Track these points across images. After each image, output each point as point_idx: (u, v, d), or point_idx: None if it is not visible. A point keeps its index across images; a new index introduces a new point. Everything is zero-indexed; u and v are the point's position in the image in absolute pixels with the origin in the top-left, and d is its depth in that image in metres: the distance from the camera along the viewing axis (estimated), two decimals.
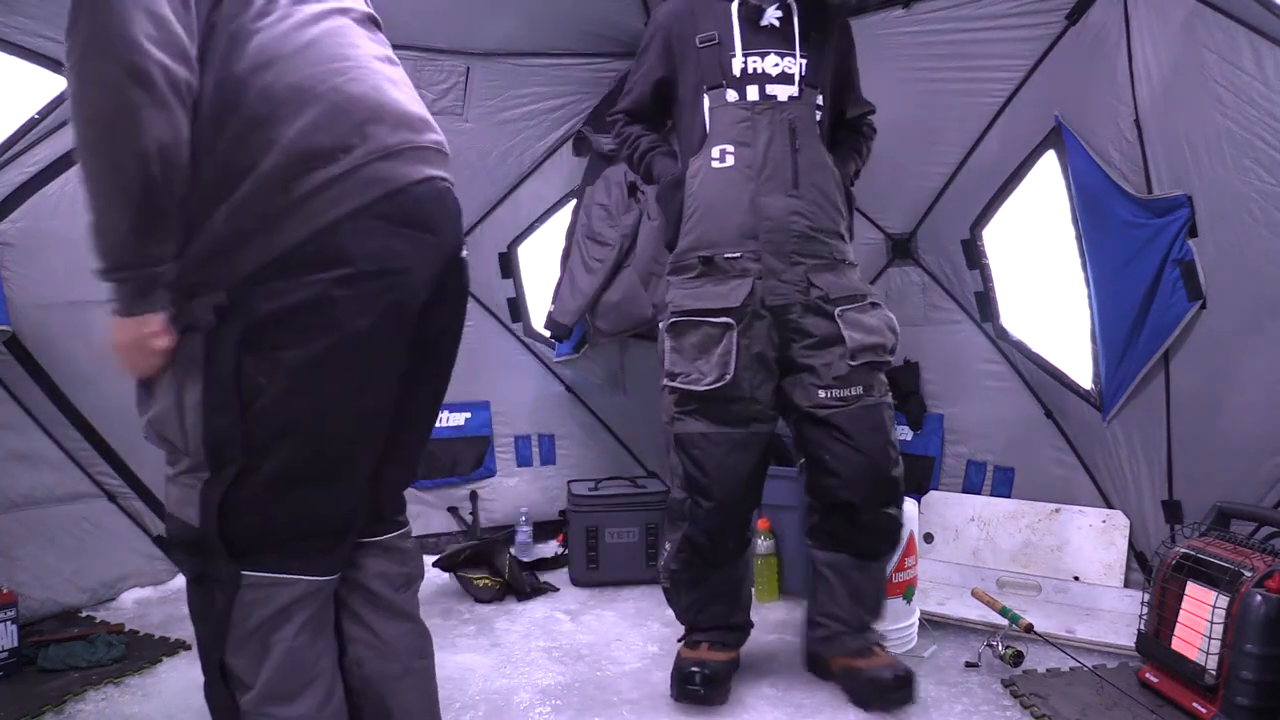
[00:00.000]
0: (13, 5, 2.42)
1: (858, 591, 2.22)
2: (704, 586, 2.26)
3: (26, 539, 2.65)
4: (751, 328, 2.12)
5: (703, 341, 2.13)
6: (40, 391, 2.71)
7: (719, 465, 2.15)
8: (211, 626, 1.34)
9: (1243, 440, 2.43)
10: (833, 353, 2.12)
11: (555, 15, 3.32)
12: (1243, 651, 1.90)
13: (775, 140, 2.12)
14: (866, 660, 2.17)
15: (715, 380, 2.10)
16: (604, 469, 3.70)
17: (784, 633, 2.68)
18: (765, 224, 2.12)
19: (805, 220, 2.13)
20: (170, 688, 2.28)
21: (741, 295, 2.11)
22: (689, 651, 2.26)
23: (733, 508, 2.19)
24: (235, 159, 1.23)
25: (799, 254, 2.13)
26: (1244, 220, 2.28)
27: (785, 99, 2.13)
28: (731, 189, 2.14)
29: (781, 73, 2.14)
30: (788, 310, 2.13)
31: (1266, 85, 2.15)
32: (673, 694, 2.20)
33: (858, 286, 2.21)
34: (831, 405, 2.12)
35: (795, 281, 2.13)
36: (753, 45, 2.14)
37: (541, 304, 3.64)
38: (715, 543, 2.20)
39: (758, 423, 2.16)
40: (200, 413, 1.27)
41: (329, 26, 1.35)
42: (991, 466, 3.24)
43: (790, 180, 2.12)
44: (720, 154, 2.14)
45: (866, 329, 2.14)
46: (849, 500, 2.14)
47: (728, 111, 2.14)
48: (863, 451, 2.11)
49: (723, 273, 2.14)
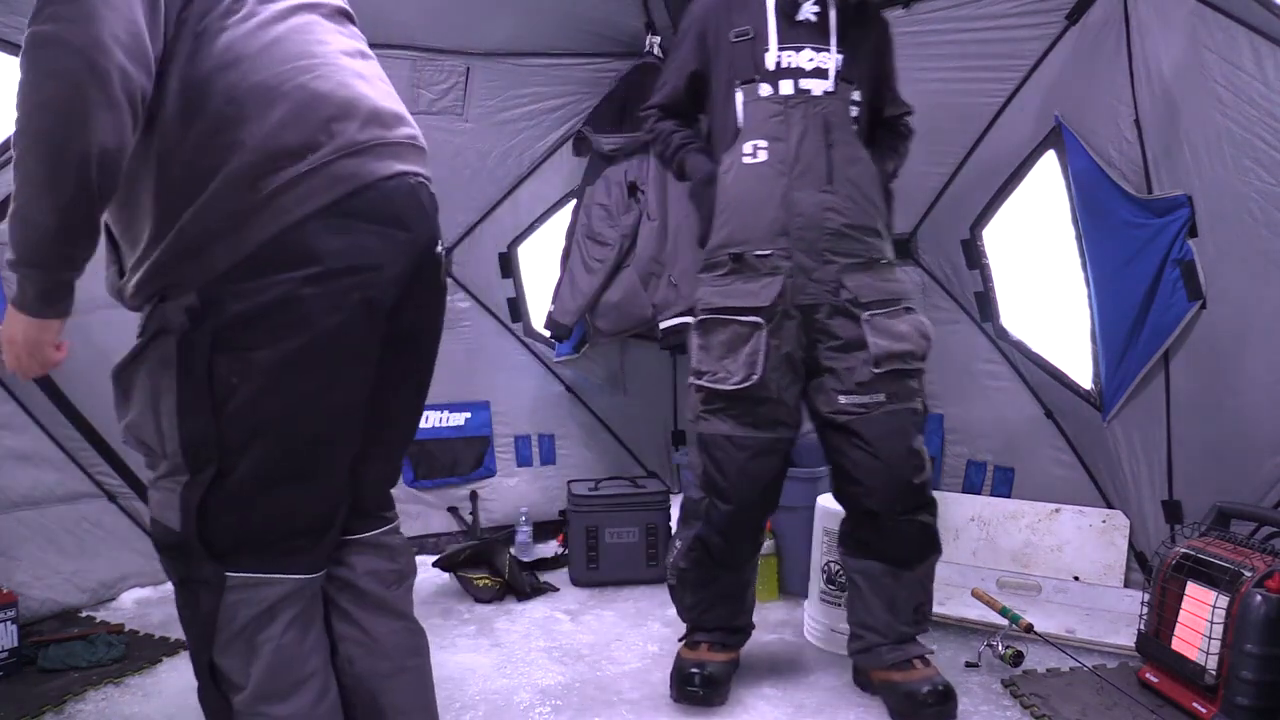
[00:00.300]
0: (12, 5, 2.42)
1: (892, 600, 2.16)
2: (712, 587, 2.25)
3: (26, 539, 2.65)
4: (781, 328, 2.08)
5: (731, 340, 2.09)
6: (40, 391, 2.71)
7: (740, 470, 2.12)
8: (199, 629, 1.34)
9: (1243, 440, 2.43)
10: (856, 358, 2.07)
11: (555, 15, 3.32)
12: (1243, 651, 1.90)
13: (809, 135, 2.07)
14: (904, 674, 2.12)
15: (742, 380, 2.06)
16: (604, 469, 3.71)
17: (784, 633, 2.68)
18: (797, 220, 2.07)
19: (840, 216, 2.08)
20: (170, 688, 2.28)
21: (772, 294, 2.07)
22: (689, 652, 2.25)
23: (749, 513, 2.17)
24: (202, 160, 1.22)
25: (832, 252, 2.08)
26: (1244, 220, 2.28)
27: (820, 94, 2.08)
28: (763, 184, 2.09)
29: (816, 68, 2.09)
30: (816, 310, 2.08)
31: (1266, 85, 2.15)
32: (672, 695, 2.20)
33: (892, 290, 2.13)
34: (852, 411, 2.07)
35: (826, 281, 2.07)
36: (788, 40, 2.09)
37: (541, 304, 3.64)
38: (729, 544, 2.18)
39: (784, 427, 2.13)
40: (175, 415, 1.27)
41: (296, 23, 1.34)
42: (991, 466, 3.24)
43: (824, 175, 2.07)
44: (753, 149, 2.09)
45: (894, 335, 2.08)
46: (871, 508, 2.11)
47: (761, 106, 2.10)
48: (881, 458, 2.07)
49: (753, 270, 2.10)
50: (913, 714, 2.08)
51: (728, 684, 2.22)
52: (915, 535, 2.13)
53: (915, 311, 2.16)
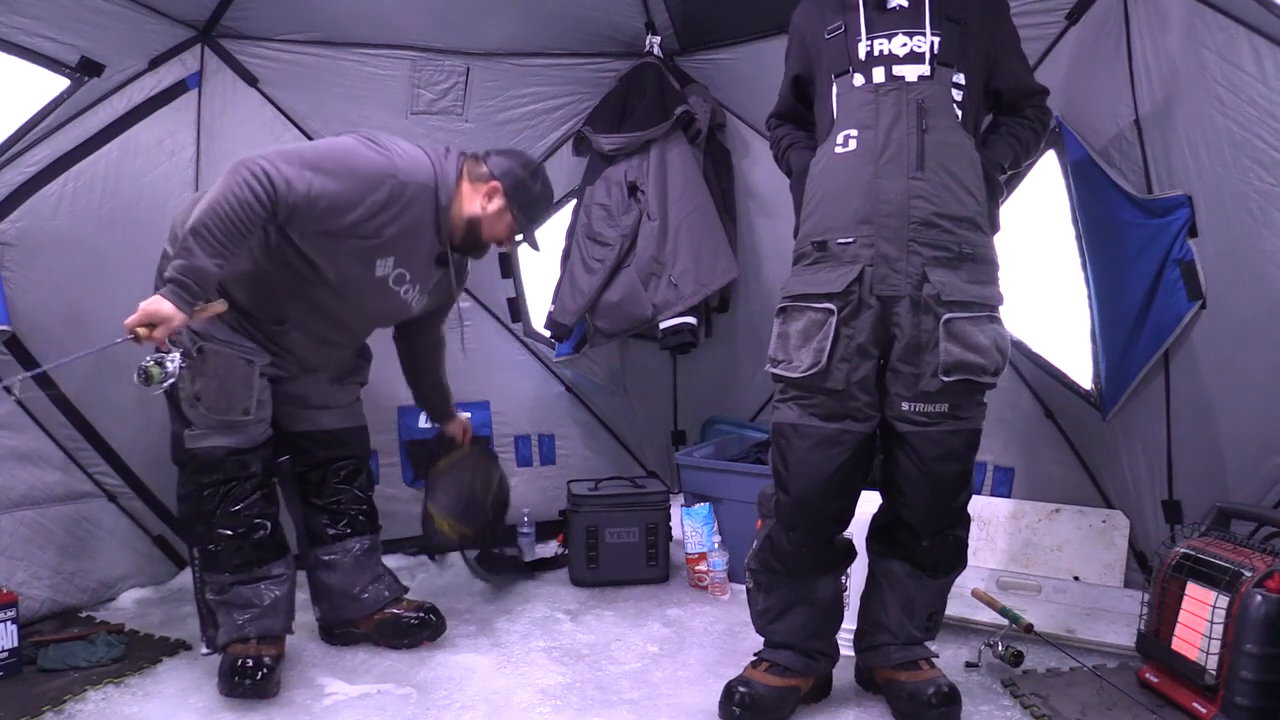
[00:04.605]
0: (12, 5, 2.42)
1: (910, 603, 2.14)
2: (779, 593, 2.15)
3: (26, 539, 2.65)
4: (857, 316, 2.00)
5: (807, 328, 2.02)
6: (40, 392, 2.71)
7: (801, 459, 2.04)
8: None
9: (1243, 440, 2.44)
10: (926, 363, 1.98)
11: (555, 15, 3.31)
12: (1243, 651, 1.90)
13: (900, 121, 1.98)
14: (910, 674, 2.11)
15: (809, 367, 2.00)
16: (604, 469, 3.70)
17: None
18: (882, 208, 1.98)
19: (928, 205, 1.97)
20: (170, 688, 2.28)
21: (846, 280, 1.99)
22: (749, 669, 2.17)
23: (811, 505, 2.05)
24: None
25: (918, 242, 1.97)
26: (1244, 220, 2.28)
27: (915, 79, 2.00)
28: (850, 172, 2.02)
29: (910, 52, 2.01)
30: (896, 303, 1.99)
31: (1266, 85, 2.15)
32: (719, 710, 2.13)
33: (978, 292, 2.01)
34: (913, 420, 2.01)
35: (909, 273, 1.97)
36: (878, 28, 2.05)
37: (541, 304, 3.64)
38: (794, 545, 2.08)
39: (853, 420, 2.02)
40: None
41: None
42: (991, 466, 3.24)
43: (913, 162, 1.97)
44: (844, 139, 2.04)
45: (969, 344, 1.97)
46: (908, 520, 2.10)
47: (853, 95, 2.04)
48: (931, 479, 2.02)
49: (835, 259, 2.02)
50: (917, 715, 2.07)
51: (778, 714, 2.11)
52: (947, 549, 2.12)
53: (999, 322, 2.05)
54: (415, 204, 2.28)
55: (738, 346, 3.77)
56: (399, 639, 2.55)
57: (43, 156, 2.63)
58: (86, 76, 2.65)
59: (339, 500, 2.61)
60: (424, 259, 2.40)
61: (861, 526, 2.22)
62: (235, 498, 2.30)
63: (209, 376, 2.26)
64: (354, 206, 2.19)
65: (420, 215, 2.30)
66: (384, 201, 2.22)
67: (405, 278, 2.40)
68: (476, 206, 2.40)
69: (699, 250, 3.31)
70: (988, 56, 2.10)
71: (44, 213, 2.64)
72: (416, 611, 2.59)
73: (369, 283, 2.34)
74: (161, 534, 3.04)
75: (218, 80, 3.03)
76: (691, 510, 3.13)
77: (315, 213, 2.16)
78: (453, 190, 2.34)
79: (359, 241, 2.25)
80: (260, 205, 2.09)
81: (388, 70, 3.22)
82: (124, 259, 2.72)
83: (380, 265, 2.33)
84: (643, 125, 3.32)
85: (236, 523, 2.29)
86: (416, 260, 2.39)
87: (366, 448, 2.75)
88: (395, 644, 2.55)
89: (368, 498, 2.69)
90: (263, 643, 2.27)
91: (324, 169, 2.16)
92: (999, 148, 2.12)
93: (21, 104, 2.61)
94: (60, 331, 2.67)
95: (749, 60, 3.41)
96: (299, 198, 2.12)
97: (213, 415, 2.27)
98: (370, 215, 2.21)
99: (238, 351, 2.31)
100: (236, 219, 2.07)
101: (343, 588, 2.57)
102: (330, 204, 2.16)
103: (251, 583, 2.31)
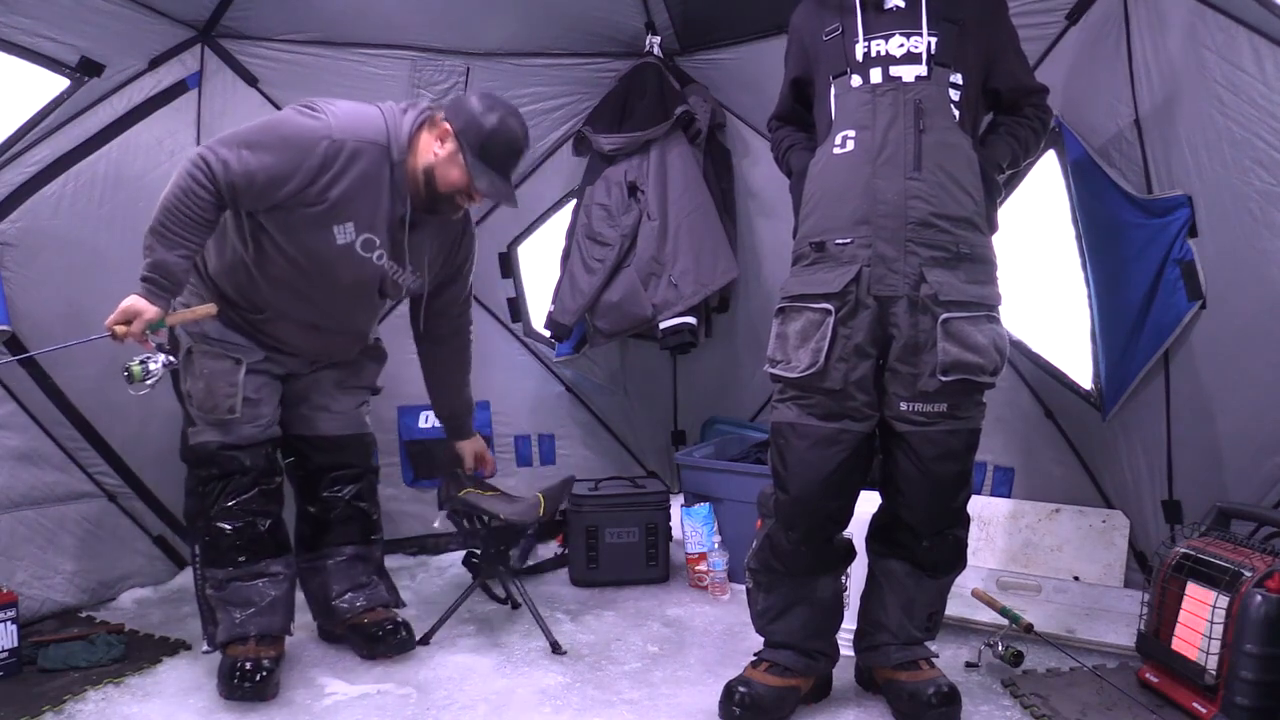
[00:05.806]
0: (12, 5, 2.42)
1: (910, 603, 2.14)
2: (778, 593, 2.15)
3: (26, 539, 2.65)
4: (855, 317, 2.00)
5: (805, 328, 2.03)
6: (40, 392, 2.71)
7: (799, 459, 2.05)
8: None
9: (1243, 440, 2.43)
10: (925, 363, 1.99)
11: (555, 15, 3.32)
12: (1243, 651, 1.90)
13: (897, 121, 1.99)
14: (910, 674, 2.11)
15: (807, 368, 2.00)
16: (604, 469, 3.70)
17: None
18: (879, 208, 1.98)
19: (925, 205, 1.97)
20: (170, 688, 2.28)
21: (844, 281, 2.00)
22: (749, 669, 2.17)
23: (810, 505, 2.06)
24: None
25: (915, 242, 1.97)
26: (1244, 220, 2.28)
27: (912, 79, 2.00)
28: (848, 173, 2.03)
29: (907, 53, 2.02)
30: (893, 303, 2.00)
31: (1266, 85, 2.15)
32: (719, 710, 2.13)
33: (976, 292, 2.01)
34: (912, 420, 2.01)
35: (907, 274, 1.98)
36: (875, 29, 2.05)
37: (541, 304, 3.64)
38: (793, 544, 2.08)
39: (851, 420, 2.02)
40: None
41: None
42: (991, 466, 3.24)
43: (910, 162, 1.97)
44: (842, 140, 2.04)
45: (968, 344, 1.97)
46: (908, 520, 2.10)
47: (851, 96, 2.05)
48: (930, 479, 2.03)
49: (833, 259, 2.03)
50: (917, 715, 2.07)
51: (778, 714, 2.11)
52: (946, 549, 2.12)
53: (998, 321, 2.06)
54: (358, 161, 2.20)
55: (737, 346, 3.77)
56: (363, 648, 2.50)
57: (43, 156, 2.63)
58: (86, 76, 2.66)
59: (329, 509, 2.58)
60: (386, 221, 2.30)
61: (861, 526, 2.22)
62: (232, 492, 2.31)
63: (196, 377, 2.32)
64: (292, 175, 2.16)
65: (369, 172, 2.22)
66: (320, 164, 2.17)
67: (375, 243, 2.31)
68: (430, 155, 2.28)
69: (699, 250, 3.31)
70: (986, 56, 2.10)
71: (44, 213, 2.65)
72: (385, 622, 2.51)
73: (332, 250, 2.27)
74: (161, 534, 3.04)
75: (218, 80, 3.04)
76: (691, 510, 3.13)
77: (256, 188, 2.16)
78: (406, 144, 2.25)
79: (308, 210, 2.21)
80: (204, 190, 2.12)
81: (388, 70, 3.22)
82: (124, 259, 2.69)
83: (339, 232, 2.26)
84: (643, 125, 3.32)
85: (232, 517, 2.31)
86: (378, 223, 2.29)
87: (367, 457, 2.68)
88: (360, 652, 2.50)
89: (362, 509, 2.62)
90: (262, 644, 2.27)
91: (258, 144, 2.15)
92: (997, 147, 2.12)
93: (21, 104, 2.61)
94: (60, 331, 2.66)
95: (749, 60, 3.41)
96: (236, 176, 2.13)
97: (202, 413, 2.32)
98: (310, 180, 2.17)
99: (226, 350, 2.33)
100: (184, 209, 2.12)
101: (319, 594, 2.57)
102: (269, 177, 2.15)
103: (250, 580, 2.31)
